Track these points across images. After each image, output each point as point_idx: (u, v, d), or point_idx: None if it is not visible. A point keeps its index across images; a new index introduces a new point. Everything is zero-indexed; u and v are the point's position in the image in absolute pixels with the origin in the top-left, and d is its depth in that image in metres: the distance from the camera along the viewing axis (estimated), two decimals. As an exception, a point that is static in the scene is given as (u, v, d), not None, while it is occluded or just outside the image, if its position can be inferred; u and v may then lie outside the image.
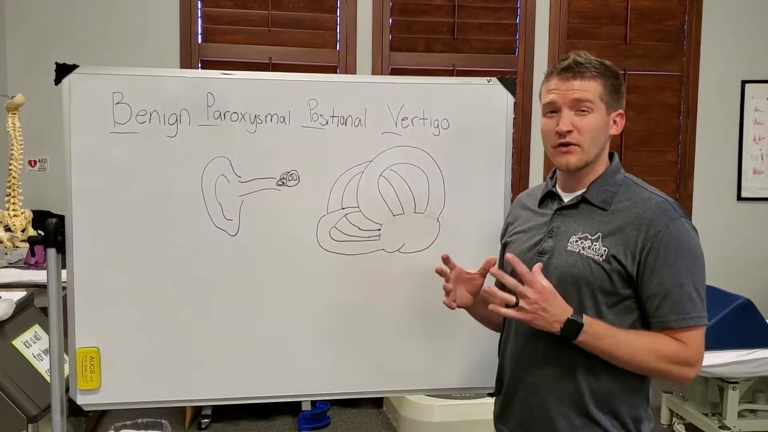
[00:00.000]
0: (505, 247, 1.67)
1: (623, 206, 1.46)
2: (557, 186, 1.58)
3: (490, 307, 1.43)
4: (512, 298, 1.41)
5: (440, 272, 1.63)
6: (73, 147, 1.73)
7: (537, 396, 1.51)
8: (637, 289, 1.43)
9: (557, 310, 1.39)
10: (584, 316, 1.39)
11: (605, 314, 1.44)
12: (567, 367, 1.46)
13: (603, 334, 1.39)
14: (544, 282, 1.39)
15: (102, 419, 3.38)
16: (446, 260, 1.63)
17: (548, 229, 1.53)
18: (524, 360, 1.54)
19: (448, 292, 1.63)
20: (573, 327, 1.38)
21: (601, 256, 1.43)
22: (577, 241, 1.47)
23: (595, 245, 1.44)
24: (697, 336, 1.40)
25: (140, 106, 1.75)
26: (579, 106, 1.46)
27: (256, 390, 1.87)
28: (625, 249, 1.42)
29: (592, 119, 1.46)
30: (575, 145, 1.46)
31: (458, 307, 1.64)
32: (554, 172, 1.61)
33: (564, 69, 1.47)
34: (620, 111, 1.52)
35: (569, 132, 1.45)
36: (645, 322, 1.45)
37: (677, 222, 1.41)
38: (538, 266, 1.42)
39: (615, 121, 1.51)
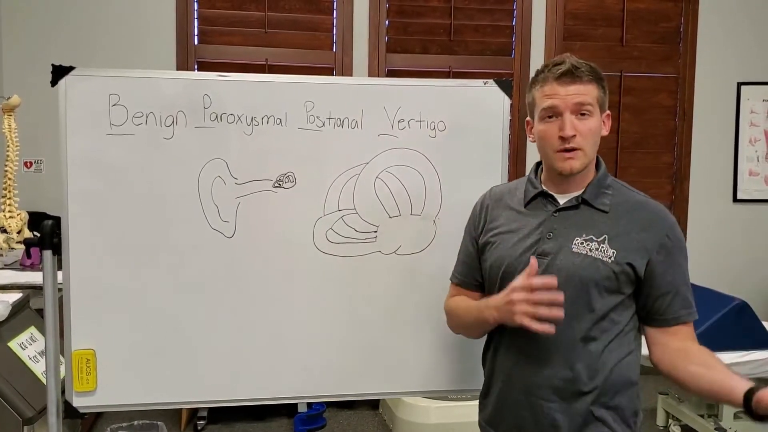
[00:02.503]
0: (485, 247, 1.59)
1: (622, 209, 1.51)
2: (545, 187, 1.58)
3: None
4: None
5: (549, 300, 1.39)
6: (69, 149, 1.72)
7: (537, 397, 1.51)
8: (641, 287, 1.48)
9: None
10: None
11: (610, 313, 1.47)
12: (569, 367, 1.47)
13: None
14: None
15: (98, 421, 3.37)
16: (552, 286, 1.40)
17: (545, 230, 1.53)
18: (523, 362, 1.53)
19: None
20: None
21: (610, 258, 1.46)
22: (582, 243, 1.48)
23: (603, 247, 1.47)
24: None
25: (136, 107, 1.75)
26: (580, 109, 1.47)
27: (252, 392, 1.86)
28: (635, 250, 1.46)
29: (592, 122, 1.49)
30: (578, 149, 1.48)
31: None
32: (536, 171, 1.61)
33: (563, 74, 1.48)
34: (608, 112, 1.55)
35: (573, 136, 1.47)
36: (639, 316, 1.52)
37: (675, 223, 1.52)
38: None
39: (604, 122, 1.54)
